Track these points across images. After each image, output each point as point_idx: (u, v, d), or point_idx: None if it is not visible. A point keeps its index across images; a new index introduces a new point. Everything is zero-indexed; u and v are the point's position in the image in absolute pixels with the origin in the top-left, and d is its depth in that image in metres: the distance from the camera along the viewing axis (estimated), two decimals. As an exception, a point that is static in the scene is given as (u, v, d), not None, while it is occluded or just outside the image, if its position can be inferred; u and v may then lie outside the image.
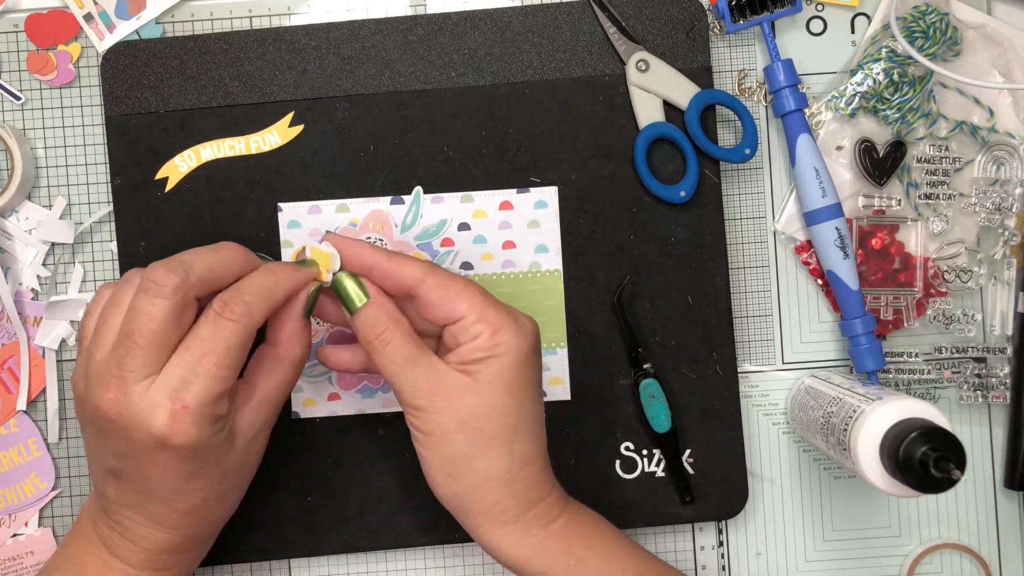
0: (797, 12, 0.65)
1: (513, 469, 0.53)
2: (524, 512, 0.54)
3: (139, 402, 0.49)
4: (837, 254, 0.64)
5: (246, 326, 0.50)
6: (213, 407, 0.50)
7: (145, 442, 0.49)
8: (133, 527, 0.53)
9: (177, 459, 0.50)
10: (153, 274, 0.50)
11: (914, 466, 0.51)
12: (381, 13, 0.66)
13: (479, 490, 0.53)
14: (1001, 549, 0.67)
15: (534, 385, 0.54)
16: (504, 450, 0.53)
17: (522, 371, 0.53)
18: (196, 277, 0.51)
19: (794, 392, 0.65)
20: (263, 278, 0.52)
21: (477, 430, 0.53)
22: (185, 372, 0.49)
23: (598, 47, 0.64)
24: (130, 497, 0.52)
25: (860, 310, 0.64)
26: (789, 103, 0.64)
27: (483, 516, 0.54)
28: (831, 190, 0.63)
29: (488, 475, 0.53)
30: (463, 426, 0.52)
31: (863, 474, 0.54)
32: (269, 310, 0.52)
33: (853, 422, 0.55)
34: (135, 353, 0.49)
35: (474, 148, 0.64)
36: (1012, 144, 0.66)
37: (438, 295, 0.53)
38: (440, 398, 0.52)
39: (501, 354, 0.53)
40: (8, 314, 0.64)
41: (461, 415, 0.52)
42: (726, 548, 0.66)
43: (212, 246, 0.53)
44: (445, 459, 0.53)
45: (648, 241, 0.64)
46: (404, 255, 0.55)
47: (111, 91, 0.63)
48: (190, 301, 0.51)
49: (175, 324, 0.50)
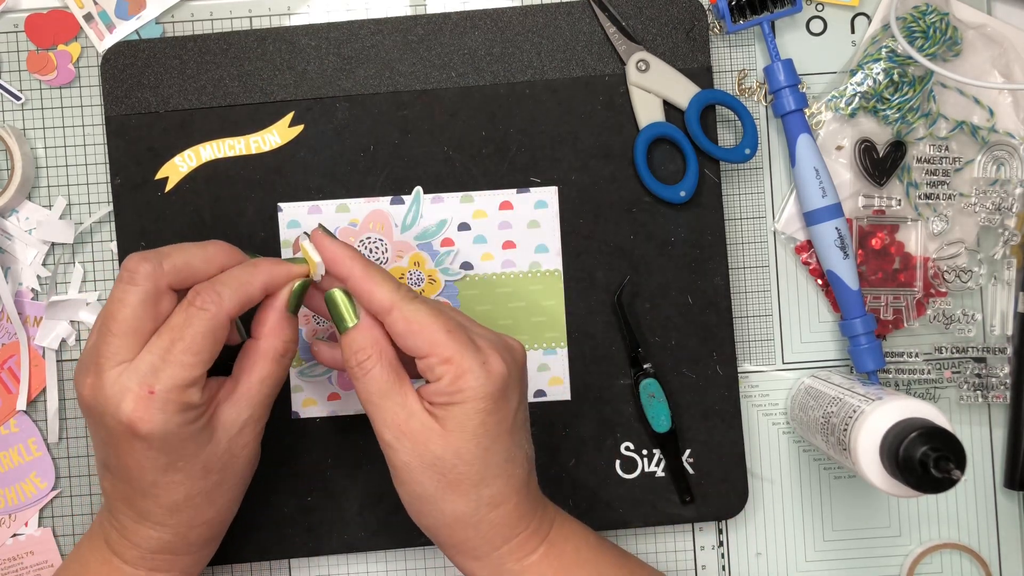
0: (797, 12, 0.65)
1: (480, 512, 0.52)
2: (495, 549, 0.53)
3: (111, 387, 0.49)
4: (837, 254, 0.64)
5: (214, 314, 0.50)
6: (180, 393, 0.50)
7: (116, 428, 0.50)
8: (127, 522, 0.53)
9: (149, 448, 0.50)
10: (128, 263, 0.51)
11: (914, 466, 0.51)
12: (381, 13, 0.66)
13: (447, 528, 0.53)
14: (1001, 549, 0.67)
15: (503, 426, 0.52)
16: (471, 494, 0.52)
17: (487, 417, 0.51)
18: (170, 266, 0.51)
19: (794, 392, 0.65)
20: (240, 271, 0.53)
21: (441, 475, 0.51)
22: (155, 359, 0.50)
23: (598, 47, 0.64)
24: (120, 489, 0.53)
25: (860, 310, 0.64)
26: (789, 103, 0.64)
27: (454, 550, 0.54)
28: (831, 190, 0.63)
29: (455, 516, 0.52)
30: (429, 469, 0.51)
31: (863, 474, 0.54)
32: (243, 301, 0.52)
33: (853, 422, 0.55)
34: (108, 340, 0.50)
35: (474, 148, 0.64)
36: (1012, 144, 0.66)
37: (402, 327, 0.52)
38: (407, 438, 0.52)
39: (463, 401, 0.51)
40: (8, 314, 0.64)
41: (426, 459, 0.51)
42: (726, 548, 0.66)
43: (196, 243, 0.53)
44: (414, 497, 0.53)
45: (648, 241, 0.64)
46: (381, 276, 0.53)
47: (111, 91, 0.63)
48: (163, 290, 0.51)
49: (148, 312, 0.50)
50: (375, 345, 0.53)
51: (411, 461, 0.52)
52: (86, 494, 0.65)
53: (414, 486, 0.52)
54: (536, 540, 0.54)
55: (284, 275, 0.54)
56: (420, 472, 0.52)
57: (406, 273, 0.63)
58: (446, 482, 0.52)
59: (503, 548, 0.53)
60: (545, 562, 0.54)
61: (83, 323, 0.65)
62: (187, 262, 0.52)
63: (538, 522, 0.55)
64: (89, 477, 0.65)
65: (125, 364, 0.50)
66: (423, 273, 0.64)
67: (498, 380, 0.51)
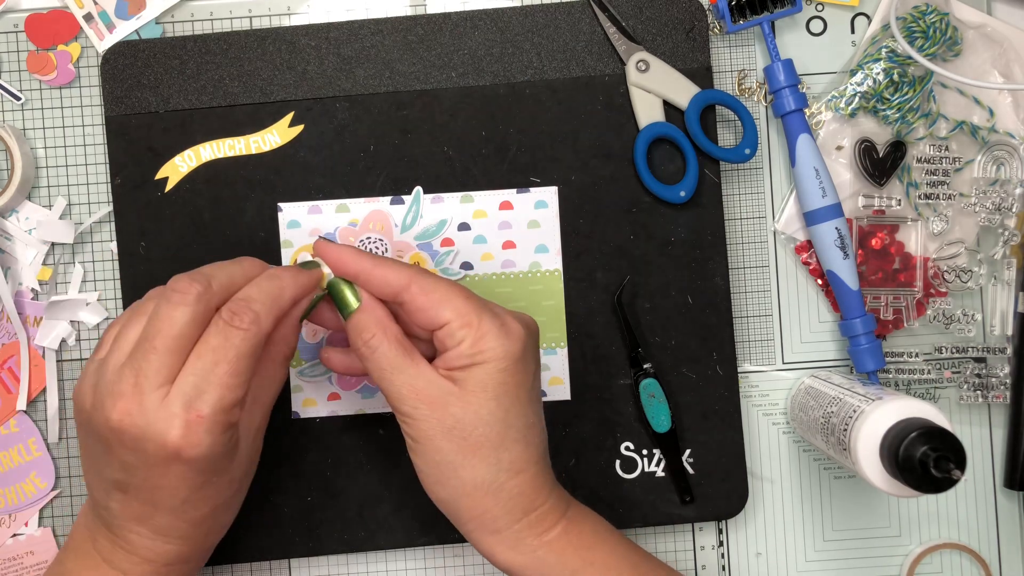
0: (797, 12, 0.65)
1: (500, 478, 0.53)
2: (515, 521, 0.53)
3: (153, 412, 0.48)
4: (837, 254, 0.64)
5: (255, 334, 0.50)
6: (226, 415, 0.50)
7: (157, 453, 0.49)
8: (138, 540, 0.52)
9: (189, 470, 0.50)
10: (176, 283, 0.50)
11: (914, 466, 0.51)
12: (381, 13, 0.66)
13: (467, 498, 0.53)
14: (1001, 549, 0.67)
15: (523, 390, 0.53)
16: (491, 458, 0.52)
17: (508, 377, 0.52)
18: (218, 286, 0.51)
19: (794, 392, 0.65)
20: (269, 284, 0.52)
21: (462, 439, 0.52)
22: (198, 381, 0.49)
23: (598, 47, 0.64)
24: (136, 510, 0.51)
25: (860, 310, 0.64)
26: (789, 103, 0.64)
27: (473, 523, 0.54)
28: (831, 190, 0.63)
29: (475, 484, 0.53)
30: (448, 434, 0.52)
31: (863, 474, 0.54)
32: (278, 316, 0.52)
33: (853, 422, 0.55)
34: (151, 358, 0.49)
35: (474, 148, 0.64)
36: (1012, 144, 0.66)
37: (422, 301, 0.52)
38: (425, 405, 0.52)
39: (484, 361, 0.52)
40: (8, 314, 0.64)
41: (446, 423, 0.52)
42: (726, 548, 0.66)
43: (232, 260, 0.53)
44: (433, 465, 0.53)
45: (648, 241, 0.64)
46: (391, 261, 0.54)
47: (111, 91, 0.63)
48: (211, 310, 0.51)
49: (196, 332, 0.50)
50: (379, 323, 0.53)
51: (430, 429, 0.52)
52: (86, 494, 0.65)
53: (433, 454, 0.52)
54: (555, 516, 0.54)
55: (309, 286, 0.54)
56: (440, 438, 0.52)
57: (406, 273, 0.64)
58: (467, 446, 0.52)
59: (523, 520, 0.53)
60: (564, 539, 0.54)
61: (83, 323, 0.65)
62: (232, 282, 0.52)
63: (556, 499, 0.55)
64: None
65: (166, 387, 0.49)
66: (423, 273, 0.64)
67: (519, 340, 0.52)
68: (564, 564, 0.53)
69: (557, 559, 0.54)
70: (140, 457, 0.49)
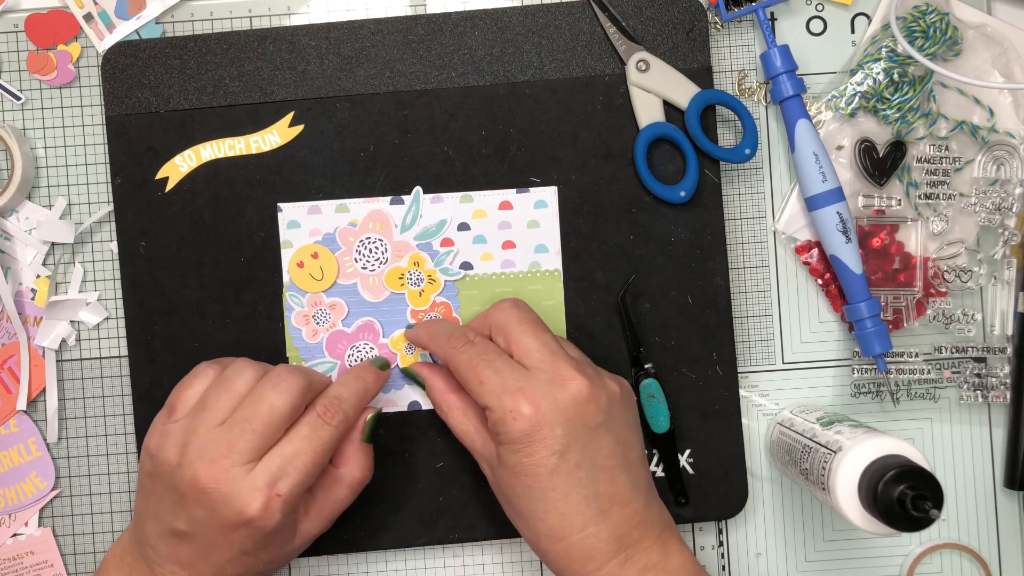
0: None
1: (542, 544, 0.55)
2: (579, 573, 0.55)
3: (239, 482, 0.53)
4: (840, 239, 0.63)
5: (342, 431, 0.57)
6: (299, 496, 0.55)
7: (232, 519, 0.53)
8: None
9: (250, 538, 0.54)
10: (283, 372, 0.56)
11: (892, 505, 0.52)
12: (381, 13, 0.66)
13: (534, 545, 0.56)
14: (1001, 549, 0.67)
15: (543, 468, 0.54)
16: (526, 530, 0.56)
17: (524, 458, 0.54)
18: (319, 383, 0.58)
19: (770, 435, 0.65)
20: (357, 384, 0.58)
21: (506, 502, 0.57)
22: (284, 463, 0.54)
23: (598, 47, 0.64)
24: (185, 556, 0.55)
25: (865, 294, 0.63)
26: (787, 88, 0.64)
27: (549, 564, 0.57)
28: (831, 174, 0.63)
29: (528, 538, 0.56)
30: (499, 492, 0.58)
31: (845, 517, 0.55)
32: (360, 413, 0.59)
33: (828, 467, 0.55)
34: (248, 437, 0.54)
35: (474, 148, 0.64)
36: (1012, 144, 0.66)
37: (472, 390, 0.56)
38: (484, 462, 0.58)
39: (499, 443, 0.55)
40: (8, 314, 0.64)
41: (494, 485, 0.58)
42: (726, 548, 0.66)
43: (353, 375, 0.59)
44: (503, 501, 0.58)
45: (648, 241, 0.64)
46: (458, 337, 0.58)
47: (111, 91, 0.63)
48: (304, 404, 0.56)
49: (289, 420, 0.55)
50: (442, 402, 0.60)
51: (490, 478, 0.58)
52: (86, 494, 0.65)
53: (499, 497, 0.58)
54: None
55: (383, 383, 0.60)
56: (497, 492, 0.58)
57: (406, 273, 0.64)
58: (511, 509, 0.57)
59: None
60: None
61: (83, 323, 0.65)
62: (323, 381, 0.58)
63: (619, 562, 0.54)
64: (88, 477, 0.65)
65: (252, 463, 0.54)
66: (423, 273, 0.64)
67: (525, 424, 0.54)
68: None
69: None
70: (212, 517, 0.54)
